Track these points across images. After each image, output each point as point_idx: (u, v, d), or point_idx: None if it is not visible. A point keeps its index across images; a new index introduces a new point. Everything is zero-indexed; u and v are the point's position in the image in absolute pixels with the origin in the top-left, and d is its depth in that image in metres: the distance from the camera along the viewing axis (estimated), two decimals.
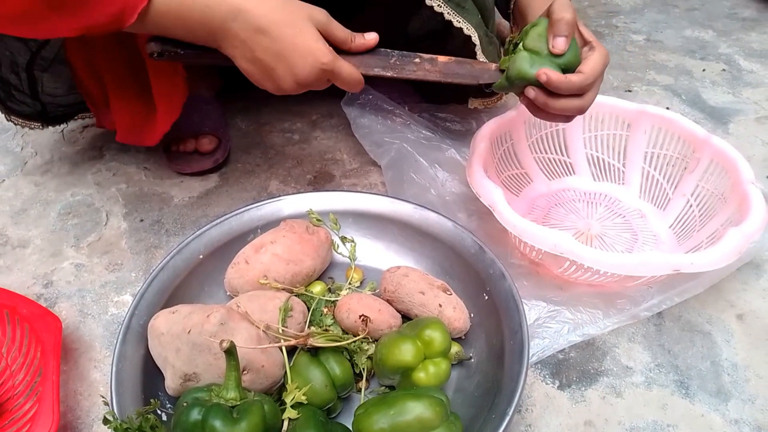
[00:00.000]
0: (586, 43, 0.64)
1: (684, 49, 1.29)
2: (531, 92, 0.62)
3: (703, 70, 1.21)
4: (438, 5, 0.70)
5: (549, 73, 0.60)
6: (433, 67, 0.65)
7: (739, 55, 1.27)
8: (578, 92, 0.62)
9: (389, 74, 0.64)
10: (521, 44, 0.62)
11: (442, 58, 0.66)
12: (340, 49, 0.62)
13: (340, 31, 0.62)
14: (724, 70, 1.21)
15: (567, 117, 0.66)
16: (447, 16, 0.71)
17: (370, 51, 0.64)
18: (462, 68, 0.66)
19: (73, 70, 0.83)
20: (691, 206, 0.80)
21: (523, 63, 0.61)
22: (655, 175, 0.85)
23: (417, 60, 0.65)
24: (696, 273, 0.66)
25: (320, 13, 0.61)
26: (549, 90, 0.61)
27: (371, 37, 0.63)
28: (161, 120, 0.81)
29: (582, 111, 0.64)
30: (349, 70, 0.62)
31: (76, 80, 0.85)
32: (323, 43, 0.60)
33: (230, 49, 0.59)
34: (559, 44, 0.60)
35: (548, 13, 0.61)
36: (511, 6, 0.80)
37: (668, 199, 0.83)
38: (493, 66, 0.67)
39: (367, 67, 0.64)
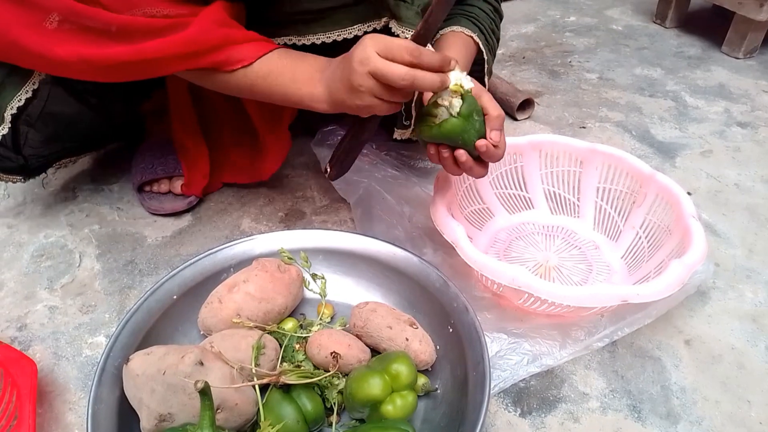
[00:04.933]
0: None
1: (634, 86, 1.37)
2: (462, 156, 0.70)
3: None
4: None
5: (488, 145, 0.68)
6: None
7: (685, 92, 1.35)
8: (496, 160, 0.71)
9: None
10: (457, 112, 0.67)
11: None
12: None
13: None
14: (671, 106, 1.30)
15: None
16: None
17: None
18: None
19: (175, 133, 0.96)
20: (640, 238, 0.86)
21: (459, 128, 0.67)
22: (606, 209, 0.91)
23: None
24: (644, 303, 0.71)
25: None
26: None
27: None
28: (271, 160, 0.96)
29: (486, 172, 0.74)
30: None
31: (176, 144, 0.96)
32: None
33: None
34: (496, 137, 0.69)
35: (483, 109, 0.69)
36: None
37: (619, 231, 0.89)
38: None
39: None
